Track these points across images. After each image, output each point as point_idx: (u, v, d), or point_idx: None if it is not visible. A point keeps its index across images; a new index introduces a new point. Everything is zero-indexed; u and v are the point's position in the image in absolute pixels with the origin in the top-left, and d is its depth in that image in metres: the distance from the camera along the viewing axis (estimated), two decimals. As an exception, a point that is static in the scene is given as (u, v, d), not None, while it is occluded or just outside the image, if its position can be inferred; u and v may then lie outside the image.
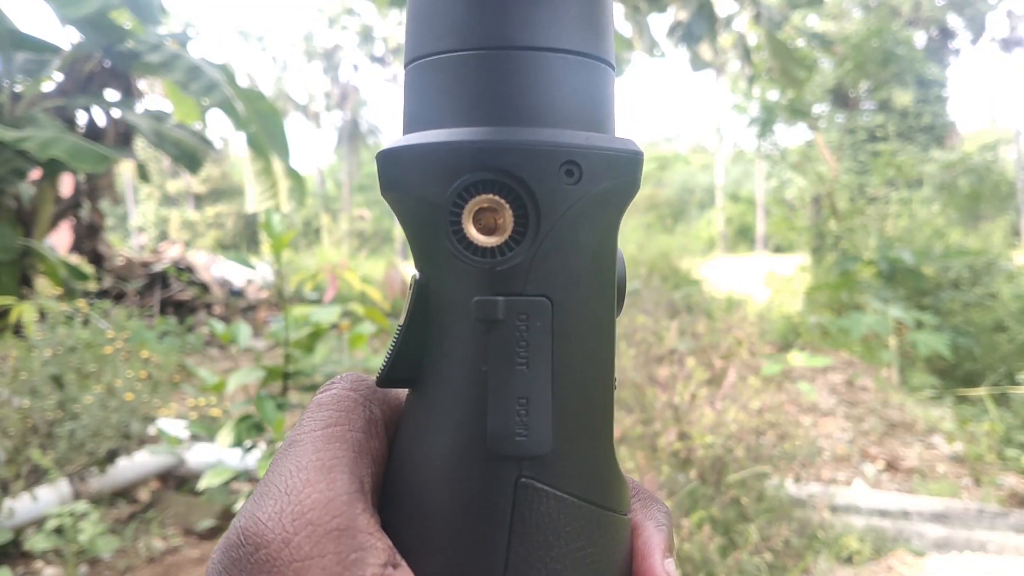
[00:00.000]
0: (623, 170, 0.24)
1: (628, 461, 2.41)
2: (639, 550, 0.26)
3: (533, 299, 0.23)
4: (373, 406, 0.26)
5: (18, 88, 5.16)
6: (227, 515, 2.76)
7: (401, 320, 0.25)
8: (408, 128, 0.25)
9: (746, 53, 7.55)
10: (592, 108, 0.25)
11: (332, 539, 0.22)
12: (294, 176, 5.33)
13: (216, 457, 2.89)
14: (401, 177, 0.24)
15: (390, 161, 0.25)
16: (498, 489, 0.23)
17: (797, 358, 4.14)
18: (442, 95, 0.24)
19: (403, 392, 0.27)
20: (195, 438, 3.21)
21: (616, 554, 0.25)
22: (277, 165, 5.24)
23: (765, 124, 10.31)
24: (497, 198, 0.23)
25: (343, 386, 0.27)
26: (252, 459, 2.51)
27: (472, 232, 0.23)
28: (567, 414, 0.24)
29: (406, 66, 0.26)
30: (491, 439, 0.23)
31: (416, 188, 0.24)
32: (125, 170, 9.42)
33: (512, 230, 0.23)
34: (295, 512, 0.22)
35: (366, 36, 26.26)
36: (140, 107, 5.79)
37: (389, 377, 0.25)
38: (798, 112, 9.76)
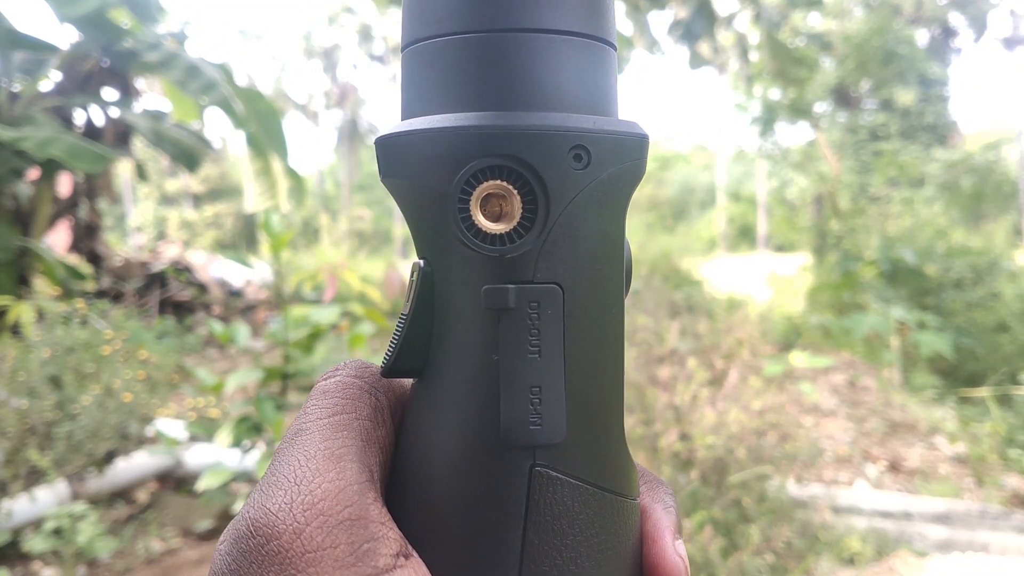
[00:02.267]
0: (630, 154, 0.24)
1: (629, 462, 2.39)
2: (649, 533, 0.26)
3: (544, 286, 0.23)
4: (379, 394, 0.26)
5: (16, 87, 5.15)
6: (226, 516, 2.75)
7: (406, 310, 0.25)
8: (408, 113, 0.25)
9: (744, 53, 7.54)
10: (598, 91, 0.24)
11: (344, 529, 0.21)
12: (293, 176, 5.32)
13: (215, 458, 2.88)
14: (403, 163, 0.24)
15: (391, 147, 0.24)
16: (512, 479, 0.23)
17: (799, 358, 4.13)
18: (445, 79, 0.23)
19: (407, 380, 0.27)
20: (194, 439, 3.20)
21: (628, 539, 0.25)
22: (276, 164, 5.23)
23: (766, 123, 10.30)
24: (505, 184, 0.22)
25: (347, 373, 0.26)
26: (251, 460, 2.50)
27: (480, 219, 0.23)
28: (580, 401, 0.24)
29: (404, 49, 0.25)
30: (505, 429, 0.23)
31: (420, 175, 0.23)
32: (123, 170, 9.42)
33: (521, 216, 0.23)
34: (306, 502, 0.22)
35: (365, 35, 26.26)
36: (138, 106, 5.78)
37: (395, 367, 0.25)
38: (800, 111, 9.75)
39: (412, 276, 0.25)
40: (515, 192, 0.22)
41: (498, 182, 0.22)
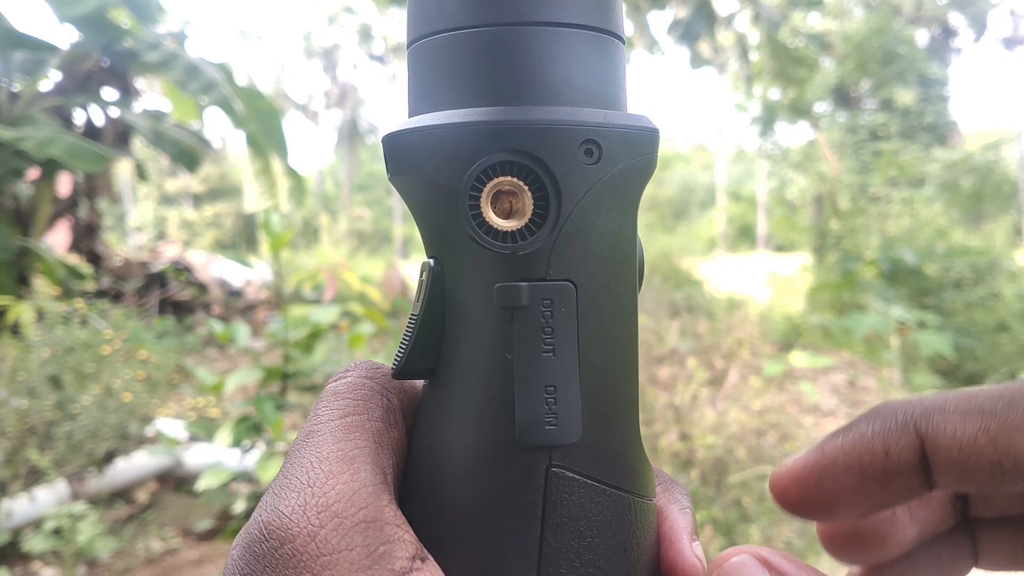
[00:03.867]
0: (641, 148, 0.24)
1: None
2: (666, 535, 0.26)
3: (557, 284, 0.23)
4: (390, 394, 0.25)
5: (16, 87, 5.15)
6: (225, 516, 2.75)
7: (416, 310, 0.24)
8: (415, 109, 0.24)
9: (744, 53, 7.54)
10: (607, 84, 0.24)
11: (359, 532, 0.21)
12: (293, 175, 5.32)
13: (215, 458, 2.88)
14: (412, 160, 0.23)
15: (399, 144, 0.24)
16: (528, 480, 0.23)
17: (799, 358, 4.13)
18: (453, 74, 0.23)
19: (419, 381, 0.27)
20: (193, 439, 3.20)
21: (646, 540, 0.25)
22: (276, 164, 5.22)
23: (766, 123, 10.31)
24: (516, 180, 0.22)
25: (358, 374, 0.26)
26: (251, 460, 2.50)
27: (491, 216, 0.22)
28: (595, 400, 0.23)
29: (410, 45, 0.25)
30: (520, 429, 0.22)
31: (429, 172, 0.23)
32: (123, 169, 9.42)
33: (532, 213, 0.22)
34: (320, 504, 0.21)
35: (365, 34, 26.26)
36: (138, 106, 5.78)
37: (406, 369, 0.24)
38: (800, 111, 9.76)
39: (422, 275, 0.25)
40: (526, 188, 0.22)
41: (508, 178, 0.22)
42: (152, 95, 7.80)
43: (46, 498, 2.65)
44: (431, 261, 0.24)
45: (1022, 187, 10.52)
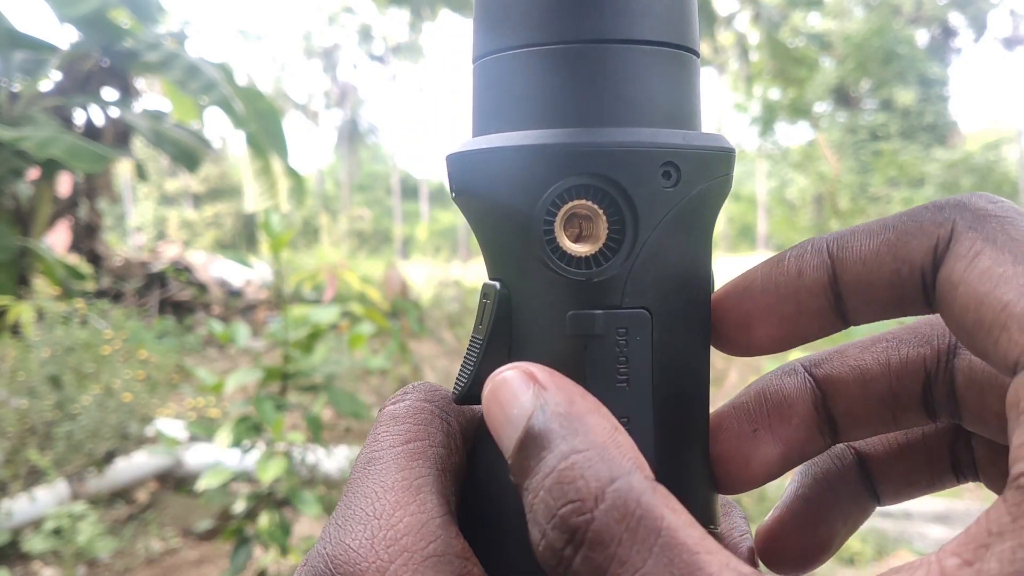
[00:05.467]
0: (718, 169, 0.23)
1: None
2: None
3: (632, 312, 0.22)
4: (450, 418, 0.25)
5: (16, 87, 5.15)
6: (225, 516, 2.75)
7: (480, 334, 0.24)
8: (482, 128, 0.24)
9: (744, 53, 7.55)
10: (685, 103, 0.23)
11: (430, 566, 0.20)
12: (293, 175, 5.32)
13: (215, 458, 2.88)
14: (481, 181, 0.23)
15: (466, 164, 0.23)
16: None
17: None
18: (526, 93, 0.22)
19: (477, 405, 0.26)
20: (193, 439, 3.20)
21: None
22: (276, 164, 5.22)
23: (766, 123, 10.31)
24: (591, 204, 0.22)
25: (417, 397, 0.25)
26: (251, 460, 2.50)
27: (566, 242, 0.22)
28: (668, 432, 0.23)
29: (477, 60, 0.24)
30: None
31: (501, 194, 0.22)
32: (123, 169, 9.42)
33: (607, 238, 0.22)
34: (388, 537, 0.21)
35: (365, 34, 26.25)
36: (138, 106, 5.78)
37: (471, 394, 0.24)
38: (800, 111, 9.77)
39: (484, 299, 0.24)
40: (601, 212, 0.22)
41: (583, 202, 0.22)
42: (152, 95, 7.80)
43: (46, 498, 2.65)
44: (496, 284, 0.24)
45: (1022, 187, 10.52)
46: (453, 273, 7.86)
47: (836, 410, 0.25)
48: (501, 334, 0.23)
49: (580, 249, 0.22)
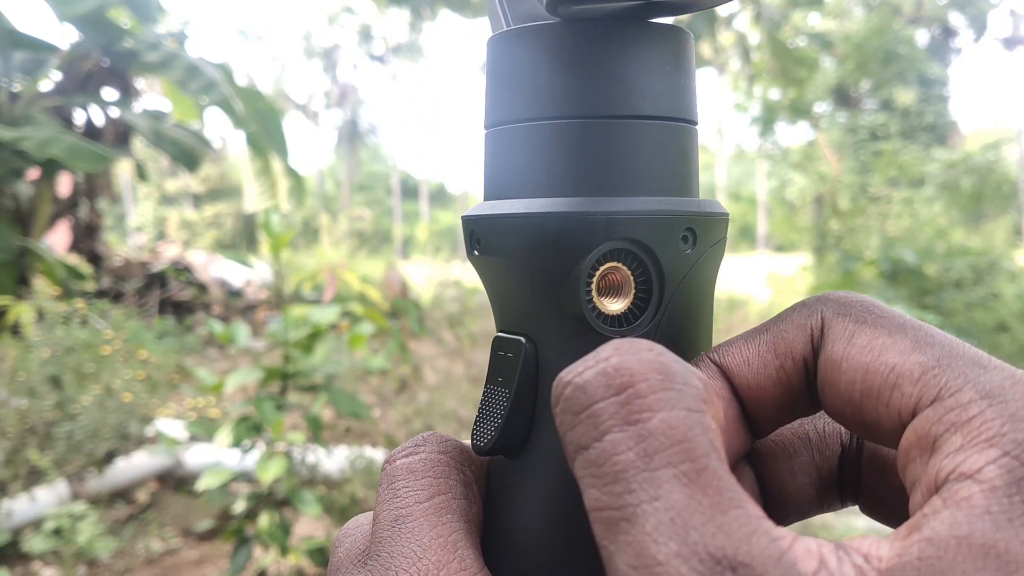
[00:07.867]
0: (721, 232, 0.25)
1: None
2: None
3: None
4: (465, 468, 0.25)
5: (16, 87, 5.14)
6: (225, 516, 2.75)
7: (504, 387, 0.25)
8: (503, 192, 0.25)
9: (745, 52, 7.54)
10: (694, 172, 0.25)
11: None
12: (293, 175, 5.32)
13: (215, 458, 2.88)
14: (512, 243, 0.24)
15: (493, 226, 0.24)
16: None
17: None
18: (556, 161, 0.24)
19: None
20: (193, 439, 3.20)
21: None
22: (276, 164, 5.22)
23: (766, 123, 10.31)
24: (621, 266, 0.23)
25: (432, 449, 0.25)
26: (251, 460, 2.50)
27: (602, 301, 0.23)
28: None
29: (492, 127, 0.25)
30: None
31: (534, 256, 0.23)
32: (123, 169, 9.42)
33: (634, 296, 0.24)
34: None
35: (365, 35, 26.24)
36: (138, 106, 5.78)
37: (495, 448, 0.25)
38: (800, 111, 9.76)
39: (504, 352, 0.25)
40: (630, 273, 0.23)
41: (615, 264, 0.23)
42: (152, 95, 7.80)
43: (46, 498, 2.65)
44: (520, 339, 0.24)
45: (1022, 187, 10.52)
46: (453, 273, 7.86)
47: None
48: (528, 389, 0.24)
49: (614, 307, 0.23)
